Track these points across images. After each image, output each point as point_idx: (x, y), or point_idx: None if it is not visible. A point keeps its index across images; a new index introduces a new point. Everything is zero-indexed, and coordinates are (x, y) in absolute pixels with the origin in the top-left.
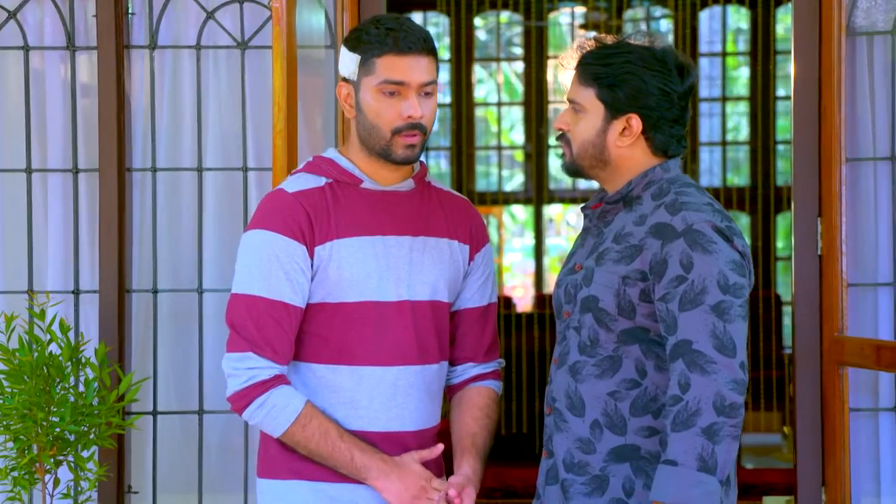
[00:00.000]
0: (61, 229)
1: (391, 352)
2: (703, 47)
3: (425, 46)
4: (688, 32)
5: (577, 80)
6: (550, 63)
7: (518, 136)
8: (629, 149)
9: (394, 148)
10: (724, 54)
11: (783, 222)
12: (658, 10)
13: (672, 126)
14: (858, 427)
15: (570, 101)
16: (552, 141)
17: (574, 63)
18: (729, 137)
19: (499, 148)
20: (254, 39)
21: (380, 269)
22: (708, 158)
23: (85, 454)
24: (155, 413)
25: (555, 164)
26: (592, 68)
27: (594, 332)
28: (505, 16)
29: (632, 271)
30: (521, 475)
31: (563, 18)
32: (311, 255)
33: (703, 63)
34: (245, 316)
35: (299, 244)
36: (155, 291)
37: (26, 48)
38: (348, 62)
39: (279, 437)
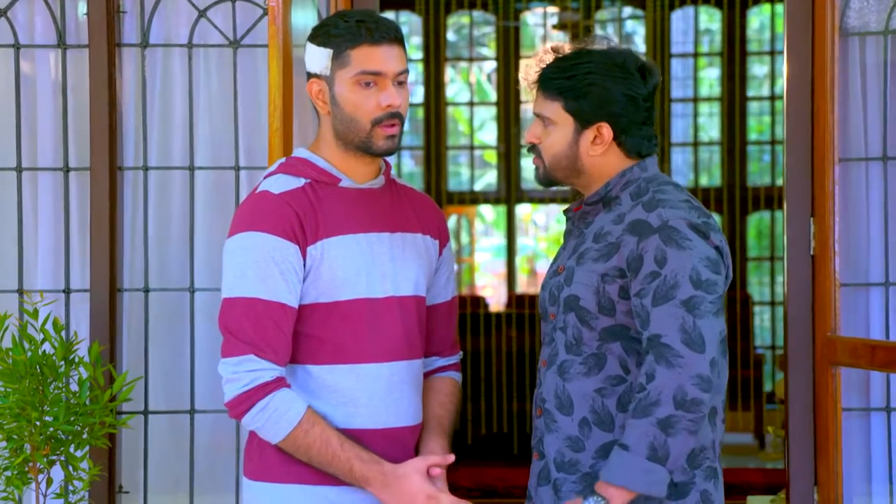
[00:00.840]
0: (51, 228)
1: (385, 348)
2: (675, 48)
3: (396, 36)
4: (659, 33)
5: (541, 95)
6: (523, 63)
7: (487, 135)
8: (602, 156)
9: (374, 139)
10: (695, 55)
11: (754, 223)
12: (630, 11)
13: (640, 128)
14: (849, 427)
15: (538, 115)
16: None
17: (535, 77)
18: (700, 138)
19: (470, 148)
20: (246, 38)
21: (367, 266)
22: (679, 159)
23: (78, 454)
24: (146, 412)
25: (528, 164)
26: (556, 82)
27: (577, 330)
28: (477, 16)
29: (610, 268)
30: (500, 475)
31: (535, 19)
32: (304, 256)
33: (675, 64)
34: (242, 318)
35: (293, 245)
36: (146, 290)
37: (17, 46)
38: (319, 58)
39: (278, 442)
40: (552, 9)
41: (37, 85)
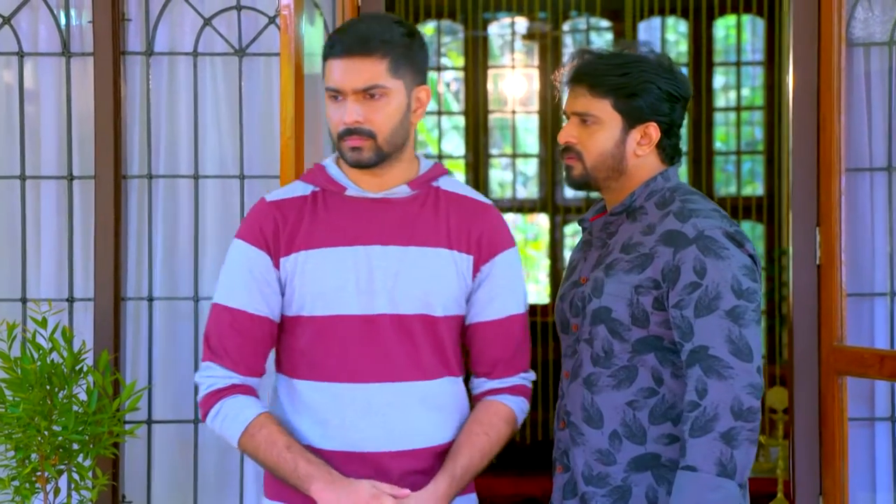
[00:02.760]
0: (55, 237)
1: (366, 367)
2: None
3: (365, 48)
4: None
5: (587, 93)
6: (490, 73)
7: (449, 145)
8: (643, 158)
9: (343, 152)
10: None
11: None
12: (597, 22)
13: (677, 133)
14: (854, 436)
15: (578, 113)
16: (494, 150)
17: (575, 75)
18: None
19: (439, 157)
20: (251, 46)
21: (358, 280)
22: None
23: (86, 463)
24: (150, 422)
25: (496, 174)
26: (608, 79)
27: (608, 343)
28: (444, 25)
29: (644, 280)
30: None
31: (501, 29)
32: (277, 267)
33: None
34: (212, 325)
35: (264, 253)
36: (150, 299)
37: (20, 54)
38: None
39: (236, 447)
40: (520, 19)
41: (40, 93)
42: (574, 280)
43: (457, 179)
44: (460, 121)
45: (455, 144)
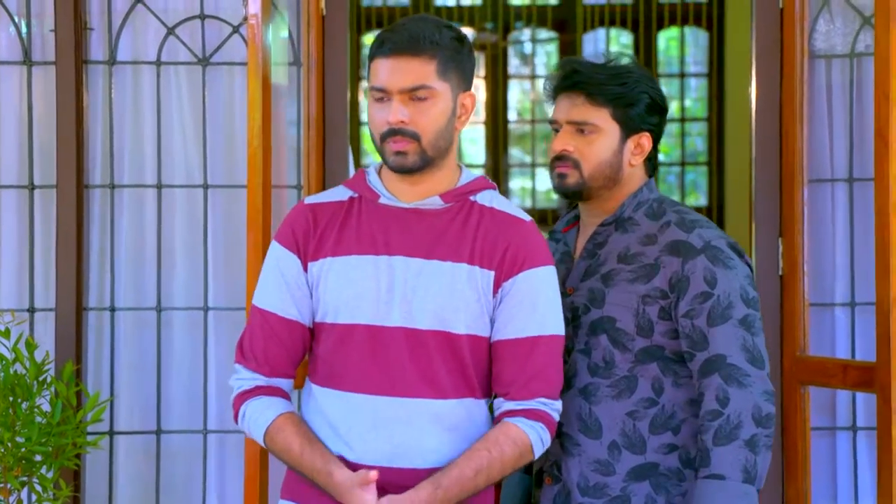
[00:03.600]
0: (15, 246)
1: (379, 380)
2: None
3: (413, 48)
4: (570, 55)
5: (585, 101)
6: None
7: None
8: (635, 168)
9: (386, 156)
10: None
11: None
12: (543, 33)
13: (658, 143)
14: (816, 446)
15: (575, 122)
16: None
17: (571, 83)
18: None
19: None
20: (215, 56)
21: (379, 290)
22: None
23: (49, 475)
24: (112, 433)
25: None
26: (607, 88)
27: (609, 353)
28: None
29: (651, 290)
30: None
31: None
32: (306, 270)
33: None
34: (247, 326)
35: (294, 256)
36: (112, 309)
37: None
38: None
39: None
40: (467, 30)
41: (1, 102)
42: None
43: (500, 195)
44: None
45: None
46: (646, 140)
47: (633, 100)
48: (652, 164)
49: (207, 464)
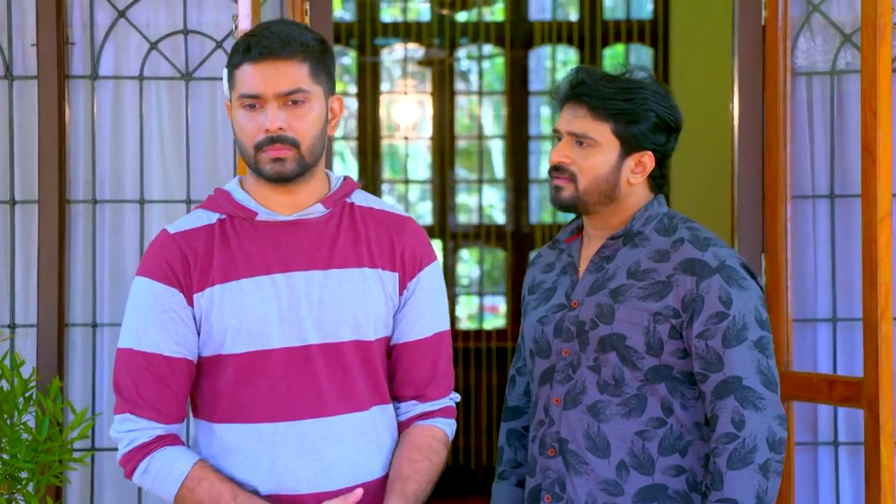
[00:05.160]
0: None
1: (296, 404)
2: (533, 85)
3: (285, 51)
4: (518, 70)
5: (587, 114)
6: (383, 99)
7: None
8: (635, 186)
9: (261, 165)
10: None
11: None
12: (490, 49)
13: (668, 162)
14: (798, 461)
15: (575, 134)
16: (386, 175)
17: (575, 94)
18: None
19: None
20: (198, 71)
21: (280, 312)
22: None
23: (34, 491)
24: (93, 450)
25: (388, 201)
26: (612, 103)
27: (618, 370)
28: (338, 50)
29: (664, 308)
30: None
31: (396, 55)
32: (191, 304)
33: (534, 101)
34: (124, 373)
35: (176, 290)
36: (94, 325)
37: None
38: (224, 78)
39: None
40: (413, 45)
41: None
42: (558, 303)
43: (368, 193)
44: (353, 146)
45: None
46: (647, 159)
47: (638, 117)
48: (657, 182)
49: None
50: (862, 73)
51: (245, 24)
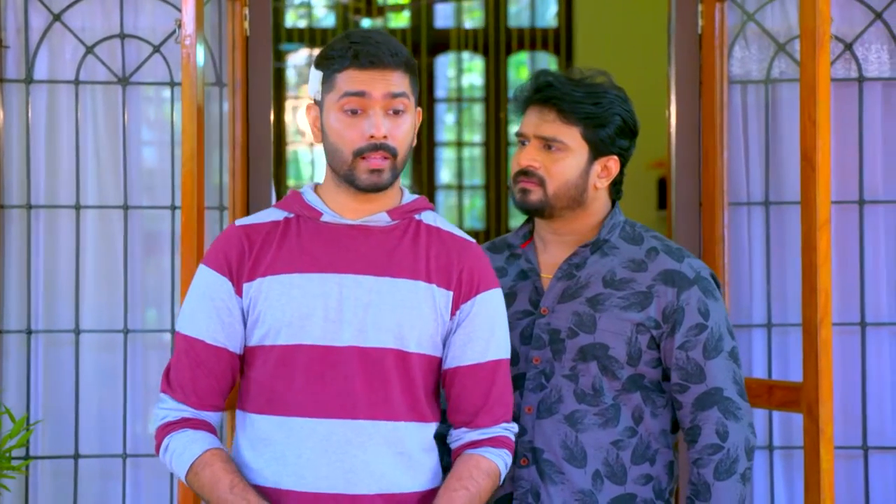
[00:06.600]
0: None
1: (329, 402)
2: (439, 93)
3: (393, 61)
4: (425, 79)
5: (556, 118)
6: (288, 105)
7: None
8: (600, 191)
9: (357, 173)
10: (459, 100)
11: None
12: None
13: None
14: None
15: (544, 138)
16: (291, 182)
17: (542, 97)
18: (465, 181)
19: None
20: (135, 75)
21: (325, 310)
22: (443, 202)
23: None
24: (28, 458)
25: None
26: (580, 107)
27: (598, 380)
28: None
29: (646, 319)
30: None
31: (299, 60)
32: (239, 293)
33: (440, 108)
34: (173, 355)
35: (225, 279)
36: (29, 332)
37: None
38: (313, 81)
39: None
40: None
41: None
42: (522, 309)
43: (440, 216)
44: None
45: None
46: (613, 163)
47: (605, 121)
48: (616, 188)
49: (126, 488)
50: (801, 81)
51: (190, 29)
